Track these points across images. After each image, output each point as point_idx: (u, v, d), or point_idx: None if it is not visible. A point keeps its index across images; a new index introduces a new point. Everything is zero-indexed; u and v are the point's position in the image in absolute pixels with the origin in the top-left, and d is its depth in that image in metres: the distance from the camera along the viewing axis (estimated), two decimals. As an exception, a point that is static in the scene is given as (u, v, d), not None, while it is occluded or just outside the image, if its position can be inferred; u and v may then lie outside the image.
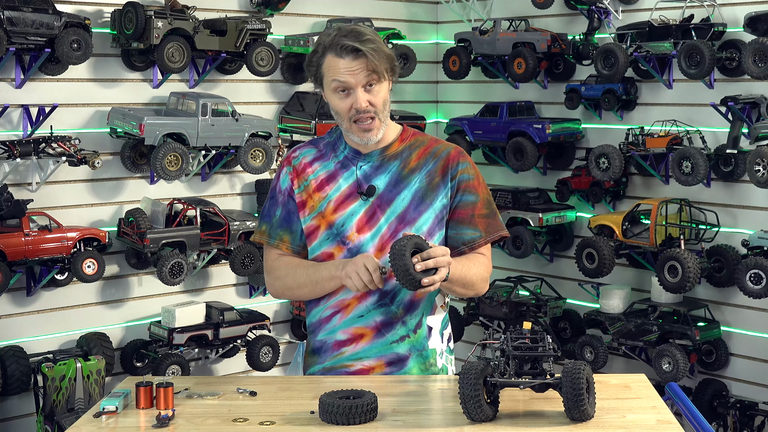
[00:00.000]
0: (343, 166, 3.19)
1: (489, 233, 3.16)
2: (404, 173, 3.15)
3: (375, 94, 3.08)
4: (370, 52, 3.03)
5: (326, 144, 3.26)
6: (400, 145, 3.20)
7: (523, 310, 6.62)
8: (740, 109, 5.72)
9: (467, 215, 3.15)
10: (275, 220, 3.23)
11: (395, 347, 3.13)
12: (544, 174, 7.02)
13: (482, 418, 2.60)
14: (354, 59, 3.05)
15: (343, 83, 3.06)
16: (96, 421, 2.73)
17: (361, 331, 3.13)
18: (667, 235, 6.06)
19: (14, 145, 5.27)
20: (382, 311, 3.11)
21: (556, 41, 6.70)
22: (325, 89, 3.14)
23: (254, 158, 6.01)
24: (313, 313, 3.23)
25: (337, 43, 3.06)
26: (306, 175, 3.20)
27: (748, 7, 5.81)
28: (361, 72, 3.05)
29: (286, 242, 3.21)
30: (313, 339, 3.24)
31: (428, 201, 3.14)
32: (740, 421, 5.88)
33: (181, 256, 5.70)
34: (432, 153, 3.20)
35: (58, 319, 5.71)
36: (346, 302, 3.13)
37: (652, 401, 2.85)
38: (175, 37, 5.73)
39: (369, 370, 3.14)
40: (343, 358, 3.16)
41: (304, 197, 3.19)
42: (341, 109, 3.10)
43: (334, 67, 3.07)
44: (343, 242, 3.12)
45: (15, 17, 5.15)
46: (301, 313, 6.52)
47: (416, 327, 3.15)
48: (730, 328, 6.14)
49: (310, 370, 3.26)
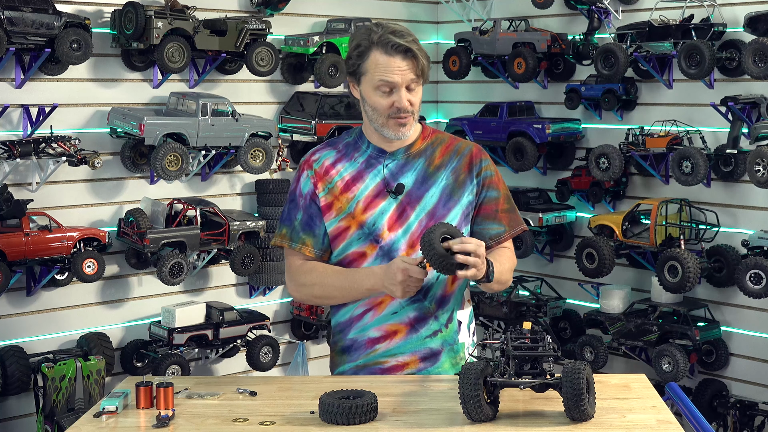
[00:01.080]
0: (368, 165, 3.20)
1: (512, 227, 3.23)
2: (430, 170, 3.19)
3: (415, 94, 3.13)
4: (419, 53, 3.08)
5: (345, 144, 3.27)
6: (422, 143, 3.24)
7: (523, 310, 6.62)
8: (740, 109, 5.72)
9: (492, 211, 3.22)
10: (297, 224, 3.22)
11: (429, 342, 3.17)
12: (544, 174, 7.02)
13: (482, 418, 2.60)
14: (403, 59, 3.08)
15: (390, 82, 3.08)
16: (96, 421, 2.73)
17: (395, 328, 3.16)
18: (667, 235, 6.06)
19: (14, 145, 5.26)
20: (415, 307, 3.15)
21: (556, 41, 6.70)
22: (363, 84, 3.15)
23: (254, 158, 6.01)
24: (342, 312, 3.24)
25: (387, 41, 3.07)
26: (330, 177, 3.21)
27: (748, 7, 5.81)
28: (408, 72, 3.09)
29: (308, 246, 3.21)
30: (342, 338, 3.24)
31: (456, 197, 3.18)
32: (740, 421, 5.88)
33: (181, 256, 5.70)
34: (455, 150, 3.25)
35: (58, 319, 5.71)
36: (378, 300, 3.15)
37: (652, 401, 2.85)
38: (175, 37, 5.73)
39: (403, 366, 3.17)
40: (376, 355, 3.18)
41: (330, 199, 3.19)
42: (381, 106, 3.11)
43: (383, 65, 3.08)
44: (376, 241, 3.14)
45: (15, 17, 5.15)
46: (301, 314, 6.52)
47: (447, 321, 3.19)
48: (730, 328, 6.14)
49: (339, 369, 3.26)
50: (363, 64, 3.12)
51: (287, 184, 6.36)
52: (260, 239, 6.16)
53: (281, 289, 6.68)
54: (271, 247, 6.23)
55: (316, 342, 6.83)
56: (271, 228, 6.20)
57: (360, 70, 3.14)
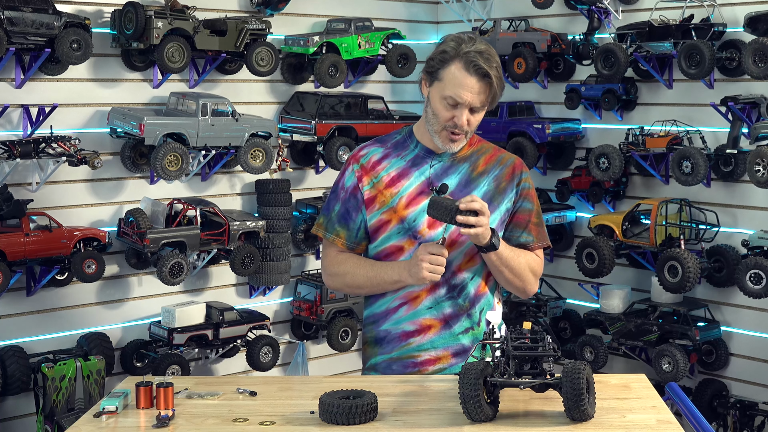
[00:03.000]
0: (414, 163, 3.30)
1: (540, 240, 3.35)
2: (473, 175, 3.30)
3: (476, 116, 3.24)
4: (496, 81, 3.17)
5: (394, 142, 3.37)
6: (468, 150, 3.34)
7: (523, 310, 6.62)
8: (740, 109, 5.72)
9: (524, 220, 3.33)
10: (333, 215, 3.35)
11: (461, 338, 3.27)
12: (544, 174, 7.02)
13: (482, 418, 2.60)
14: (479, 81, 3.16)
15: (458, 99, 3.16)
16: (96, 421, 2.73)
17: (429, 323, 3.26)
18: (667, 235, 6.06)
19: (14, 145, 5.26)
20: (450, 303, 3.25)
21: (556, 41, 6.70)
22: (434, 88, 3.24)
23: (254, 158, 6.01)
24: (378, 303, 3.33)
25: (472, 59, 3.15)
26: (377, 172, 3.30)
27: (748, 7, 5.81)
28: (479, 95, 3.18)
29: (341, 238, 3.32)
30: (376, 329, 3.33)
31: (495, 203, 3.28)
32: (740, 421, 5.88)
33: (181, 256, 5.70)
34: (498, 160, 3.35)
35: (58, 319, 5.70)
36: (414, 294, 3.25)
37: (652, 401, 2.85)
38: (175, 37, 5.72)
39: (435, 360, 3.26)
40: (410, 349, 3.27)
41: (374, 193, 3.28)
42: (442, 116, 3.22)
43: (459, 80, 3.17)
44: (415, 236, 3.24)
45: (15, 17, 5.15)
46: (301, 314, 6.52)
47: (479, 321, 3.30)
48: (730, 328, 6.14)
49: (372, 361, 3.35)
50: (441, 71, 3.21)
51: (287, 184, 6.36)
52: (260, 239, 6.16)
53: (281, 289, 6.68)
54: (271, 248, 6.24)
55: (316, 342, 6.83)
56: (271, 228, 6.21)
57: (437, 74, 3.23)
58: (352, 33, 6.53)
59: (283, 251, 6.29)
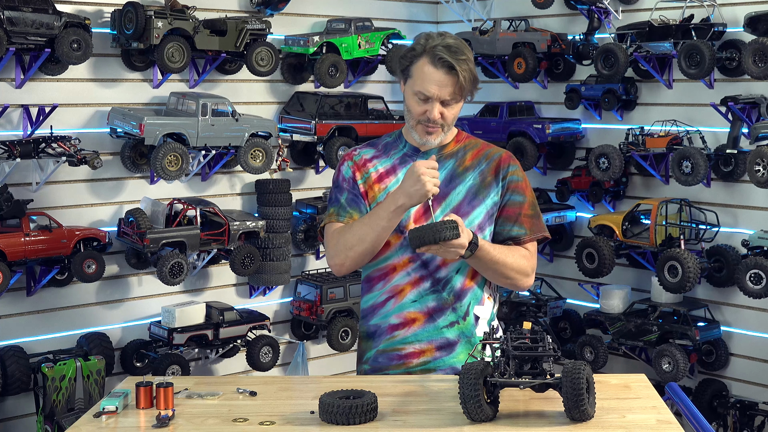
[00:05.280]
0: (402, 161, 3.38)
1: (533, 232, 3.34)
2: (459, 171, 3.34)
3: (450, 109, 3.29)
4: (463, 73, 3.20)
5: (384, 144, 3.45)
6: (455, 146, 3.40)
7: (523, 310, 6.62)
8: (740, 109, 5.72)
9: (514, 213, 3.33)
10: (343, 201, 3.39)
11: (445, 332, 3.29)
12: (544, 174, 7.02)
13: (482, 418, 2.60)
14: (446, 74, 3.21)
15: (426, 93, 3.22)
16: (96, 421, 2.73)
17: (414, 316, 3.30)
18: (667, 235, 6.06)
19: (14, 145, 5.26)
20: (434, 297, 3.28)
21: (556, 41, 6.70)
22: (407, 85, 3.31)
23: (254, 158, 6.01)
24: (366, 298, 3.39)
25: (437, 53, 3.19)
26: (366, 169, 3.39)
27: (748, 7, 5.81)
28: (447, 88, 3.22)
29: (356, 218, 3.33)
30: (366, 324, 3.38)
31: (481, 197, 3.31)
32: (740, 421, 5.88)
33: (181, 256, 5.70)
34: (485, 155, 3.39)
35: (58, 319, 5.70)
36: (399, 287, 3.30)
37: (652, 401, 2.85)
38: (175, 37, 5.72)
39: (419, 353, 3.29)
40: (395, 342, 3.31)
41: (365, 188, 3.37)
42: (414, 111, 3.29)
43: (426, 74, 3.22)
44: (401, 231, 3.28)
45: (15, 17, 5.15)
46: (301, 314, 6.52)
47: (465, 315, 3.31)
48: (730, 328, 6.14)
49: (366, 355, 3.39)
50: (411, 67, 3.27)
51: (287, 184, 6.36)
52: (260, 239, 6.16)
53: (281, 289, 6.68)
54: (271, 248, 6.23)
55: (316, 342, 6.83)
56: (271, 228, 6.21)
57: (408, 71, 3.29)
58: (352, 33, 6.53)
59: (283, 251, 6.29)
